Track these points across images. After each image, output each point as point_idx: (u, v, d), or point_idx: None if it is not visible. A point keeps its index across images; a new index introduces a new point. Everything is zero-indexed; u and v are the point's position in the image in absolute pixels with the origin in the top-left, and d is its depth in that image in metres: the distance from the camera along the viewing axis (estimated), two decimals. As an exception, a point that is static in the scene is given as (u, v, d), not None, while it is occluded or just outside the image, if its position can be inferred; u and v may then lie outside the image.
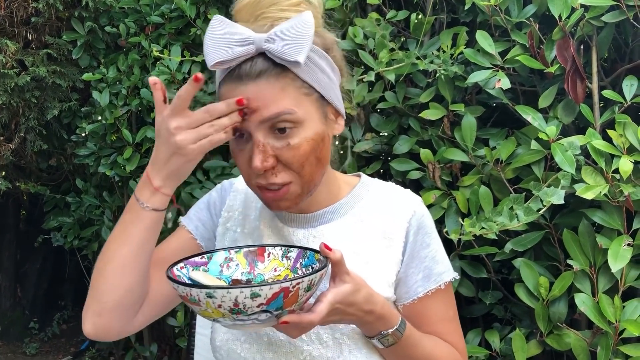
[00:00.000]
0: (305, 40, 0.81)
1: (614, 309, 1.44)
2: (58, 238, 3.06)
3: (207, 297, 0.71)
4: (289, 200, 0.88)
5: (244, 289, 0.70)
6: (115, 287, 0.87)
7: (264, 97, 0.82)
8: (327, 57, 0.89)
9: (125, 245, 0.86)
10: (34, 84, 2.64)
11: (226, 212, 1.03)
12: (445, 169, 1.75)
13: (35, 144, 2.80)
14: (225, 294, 0.70)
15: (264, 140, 0.83)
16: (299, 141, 0.84)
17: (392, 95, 1.83)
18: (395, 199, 0.97)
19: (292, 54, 0.80)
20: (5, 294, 3.63)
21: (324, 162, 0.89)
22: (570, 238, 1.54)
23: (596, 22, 1.58)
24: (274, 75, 0.82)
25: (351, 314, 0.82)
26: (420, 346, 0.91)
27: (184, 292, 0.73)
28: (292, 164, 0.84)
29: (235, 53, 0.81)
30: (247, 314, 0.72)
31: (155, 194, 0.84)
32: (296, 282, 0.72)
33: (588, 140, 1.52)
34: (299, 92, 0.84)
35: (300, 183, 0.86)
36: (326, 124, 0.89)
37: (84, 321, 0.90)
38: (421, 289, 0.94)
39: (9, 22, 2.62)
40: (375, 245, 0.94)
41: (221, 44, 0.82)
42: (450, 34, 1.78)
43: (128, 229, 0.86)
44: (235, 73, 0.83)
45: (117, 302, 0.88)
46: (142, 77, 2.45)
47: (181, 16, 2.37)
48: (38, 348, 3.51)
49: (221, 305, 0.71)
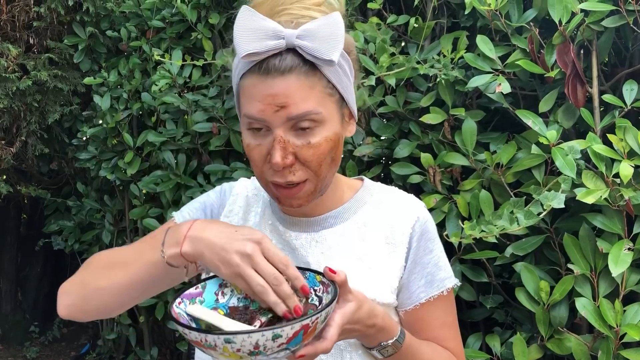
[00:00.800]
0: (339, 40, 0.80)
1: (614, 313, 1.44)
2: (59, 242, 3.06)
3: (225, 342, 0.68)
4: (302, 199, 0.87)
5: (266, 332, 0.68)
6: (105, 303, 0.90)
7: (292, 94, 0.81)
8: (349, 59, 0.89)
9: (130, 274, 0.87)
10: (35, 88, 2.65)
11: (225, 217, 1.02)
12: (445, 173, 1.75)
13: (37, 148, 2.80)
14: (245, 338, 0.67)
15: (285, 137, 0.83)
16: (320, 140, 0.83)
17: (392, 99, 1.84)
18: (398, 204, 0.97)
19: (326, 52, 0.80)
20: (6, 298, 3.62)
21: (338, 162, 0.89)
22: (571, 242, 1.54)
23: (596, 26, 1.58)
24: (304, 73, 0.81)
25: (356, 330, 0.82)
26: (418, 354, 0.91)
27: (198, 338, 0.70)
28: (310, 162, 0.84)
29: (267, 46, 0.80)
30: (266, 355, 0.70)
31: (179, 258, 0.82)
32: (315, 318, 0.70)
33: (588, 145, 1.52)
34: (324, 92, 0.83)
35: (315, 182, 0.86)
36: (342, 125, 0.89)
37: (60, 304, 0.92)
38: (423, 294, 0.94)
39: (10, 26, 2.63)
40: (378, 251, 0.93)
41: (252, 35, 0.80)
42: (450, 38, 1.79)
43: (140, 261, 0.86)
44: (263, 67, 0.81)
45: (103, 310, 0.92)
46: (143, 81, 2.45)
47: (182, 20, 2.38)
48: (38, 352, 3.51)
49: (240, 349, 0.68)
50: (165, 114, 2.38)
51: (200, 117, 2.22)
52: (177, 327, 0.73)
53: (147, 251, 0.86)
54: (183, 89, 2.32)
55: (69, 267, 3.63)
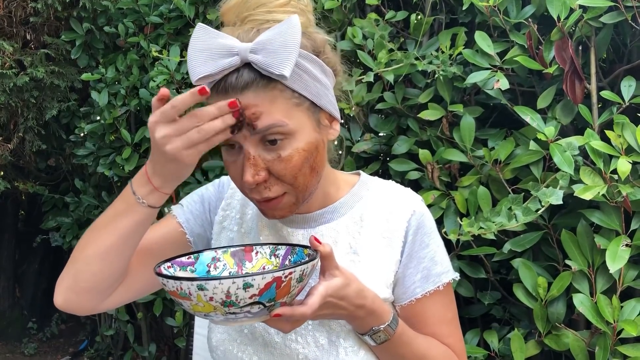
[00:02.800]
0: (292, 51, 0.77)
1: (612, 309, 1.44)
2: (57, 238, 3.06)
3: (198, 289, 0.70)
4: (283, 210, 0.86)
5: (237, 279, 0.69)
6: (94, 272, 0.86)
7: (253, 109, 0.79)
8: (318, 61, 0.86)
9: (113, 234, 0.84)
10: (32, 84, 2.64)
11: (223, 211, 1.02)
12: (444, 169, 1.75)
13: (34, 144, 2.80)
14: (217, 285, 0.69)
15: (254, 153, 0.81)
16: (291, 153, 0.81)
17: (391, 95, 1.83)
18: (395, 198, 0.96)
19: (278, 66, 0.76)
20: (4, 294, 3.62)
21: (319, 169, 0.87)
22: (569, 238, 1.54)
23: (595, 22, 1.58)
24: (262, 87, 0.79)
25: (342, 308, 0.81)
26: (413, 345, 0.90)
27: (174, 287, 0.71)
28: (284, 176, 0.82)
29: (220, 65, 0.78)
30: (239, 306, 0.71)
31: (154, 192, 0.81)
32: (288, 272, 0.71)
33: (586, 141, 1.52)
34: (289, 103, 0.81)
35: (294, 193, 0.85)
36: (320, 131, 0.86)
37: (56, 292, 0.90)
38: (419, 289, 0.93)
39: (7, 22, 2.62)
40: (374, 245, 0.93)
41: (205, 56, 0.78)
42: (449, 34, 1.78)
43: (118, 219, 0.84)
44: (222, 86, 0.80)
45: (94, 285, 0.87)
46: (140, 77, 2.45)
47: (180, 16, 2.37)
48: (37, 348, 3.51)
49: (213, 298, 0.70)
50: (163, 110, 2.37)
51: (198, 113, 2.21)
52: (157, 277, 0.75)
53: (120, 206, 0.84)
54: (181, 85, 2.31)
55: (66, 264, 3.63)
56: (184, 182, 2.29)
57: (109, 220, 0.85)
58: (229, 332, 0.95)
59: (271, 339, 0.91)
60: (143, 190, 0.82)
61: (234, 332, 0.95)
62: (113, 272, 0.88)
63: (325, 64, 0.87)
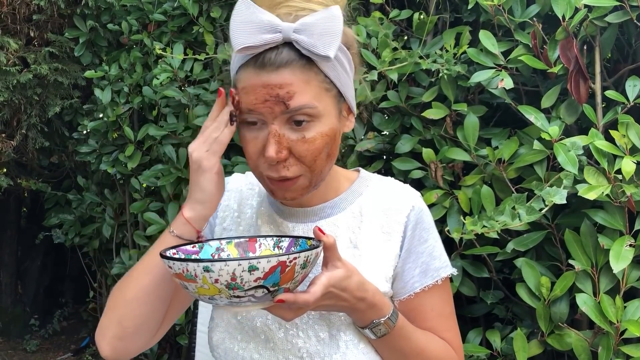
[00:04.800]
0: (336, 35, 0.80)
1: (615, 309, 1.44)
2: (59, 235, 3.06)
3: (204, 271, 0.70)
4: (295, 192, 0.87)
5: (242, 262, 0.70)
6: (137, 314, 0.88)
7: (287, 88, 0.81)
8: (348, 54, 0.88)
9: (149, 273, 0.87)
10: (35, 81, 2.64)
11: (222, 212, 1.03)
12: (447, 168, 1.75)
13: (37, 141, 2.80)
14: (223, 266, 0.70)
15: (280, 131, 0.83)
16: (315, 135, 0.83)
17: (394, 94, 1.83)
18: (394, 194, 0.97)
19: (323, 47, 0.79)
20: (6, 291, 3.63)
21: (333, 157, 0.89)
22: (572, 238, 1.54)
23: (600, 22, 1.58)
24: (299, 67, 0.81)
25: (344, 300, 0.82)
26: (413, 339, 0.91)
27: (180, 269, 0.72)
28: (305, 157, 0.84)
29: (263, 40, 0.80)
30: (243, 289, 0.72)
31: (186, 225, 0.86)
32: (293, 257, 0.72)
33: (591, 141, 1.52)
34: (320, 87, 0.83)
35: (309, 177, 0.86)
36: (340, 121, 0.89)
37: (100, 343, 0.90)
38: (418, 284, 0.94)
39: (11, 19, 2.62)
40: (373, 240, 0.94)
41: (248, 29, 0.80)
42: (453, 33, 1.78)
43: (154, 257, 0.87)
44: (259, 60, 0.81)
45: (139, 327, 0.89)
46: (144, 75, 2.45)
47: (184, 14, 2.37)
48: (38, 345, 3.52)
49: (218, 280, 0.71)
50: (166, 108, 2.37)
51: (201, 111, 2.21)
52: (162, 260, 0.76)
53: (156, 244, 0.88)
54: (184, 83, 2.31)
55: (69, 261, 3.64)
56: (186, 180, 2.29)
57: (146, 261, 0.89)
58: (229, 331, 0.96)
59: (273, 335, 0.92)
60: (175, 223, 0.87)
61: (235, 330, 0.95)
62: (155, 312, 0.90)
63: (352, 58, 0.90)
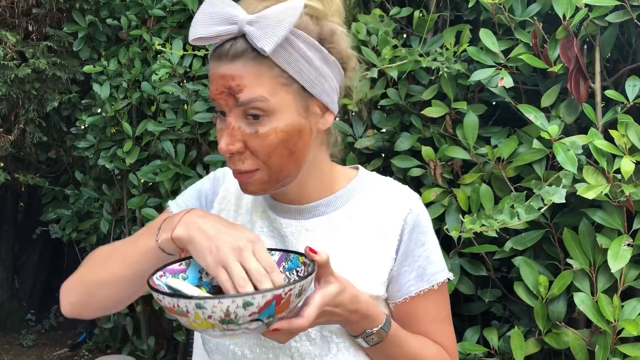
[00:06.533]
0: (282, 28, 0.77)
1: (612, 308, 1.45)
2: (56, 230, 3.06)
3: (196, 307, 0.68)
4: (254, 185, 0.86)
5: (236, 299, 0.67)
6: (105, 297, 0.90)
7: (239, 80, 0.80)
8: (320, 48, 0.84)
9: (127, 264, 0.87)
10: (34, 75, 2.63)
11: (218, 204, 1.01)
12: (446, 166, 1.75)
13: (35, 136, 2.79)
14: (216, 304, 0.67)
15: (235, 124, 0.82)
16: (268, 130, 0.81)
17: (394, 92, 1.83)
18: (392, 195, 0.95)
19: (263, 40, 0.77)
20: (3, 286, 3.62)
21: (299, 155, 0.86)
22: (571, 237, 1.54)
23: (600, 21, 1.58)
24: (251, 60, 0.79)
25: (337, 315, 0.81)
26: (405, 346, 0.90)
27: (171, 304, 0.69)
28: (258, 152, 0.82)
29: (216, 31, 0.79)
30: (237, 324, 0.69)
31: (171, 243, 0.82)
32: (288, 289, 0.70)
33: (590, 140, 1.52)
34: (274, 82, 0.81)
35: (267, 172, 0.84)
36: (307, 118, 0.85)
37: (63, 299, 0.92)
38: (413, 288, 0.92)
39: (9, 13, 2.61)
40: (368, 242, 0.92)
41: (208, 19, 0.80)
42: (453, 31, 1.78)
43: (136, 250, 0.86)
44: (217, 51, 0.81)
45: (104, 305, 0.93)
46: (143, 70, 2.44)
47: (183, 9, 2.36)
48: (35, 340, 3.51)
49: (211, 316, 0.68)
50: (165, 104, 2.37)
51: (200, 107, 2.21)
52: (152, 293, 0.73)
53: (142, 239, 0.86)
54: (183, 79, 2.31)
55: (66, 256, 3.63)
56: (185, 176, 2.29)
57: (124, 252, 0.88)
58: None
59: None
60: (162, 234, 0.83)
61: None
62: (126, 296, 0.92)
63: (330, 53, 0.86)
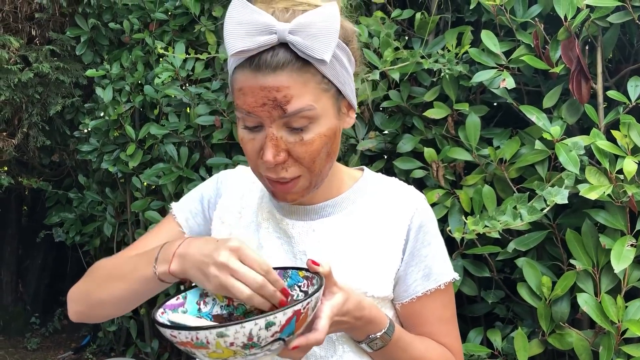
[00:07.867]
0: (332, 37, 0.77)
1: (616, 309, 1.45)
2: (60, 234, 3.06)
3: (217, 337, 0.65)
4: (296, 193, 0.86)
5: (259, 321, 0.65)
6: (107, 314, 0.98)
7: (285, 91, 0.78)
8: (347, 50, 0.86)
9: (126, 287, 0.90)
10: (37, 79, 2.64)
11: (221, 206, 1.01)
12: (448, 168, 1.75)
13: (38, 140, 2.80)
14: (238, 329, 0.65)
15: (278, 134, 0.81)
16: (313, 137, 0.81)
17: (396, 94, 1.83)
18: (398, 195, 0.95)
19: (319, 50, 0.77)
20: (7, 289, 3.63)
21: (334, 155, 0.88)
22: (574, 238, 1.54)
23: (602, 22, 1.58)
24: (297, 69, 0.78)
25: (345, 323, 0.82)
26: (410, 349, 0.90)
27: (189, 338, 0.66)
28: (303, 159, 0.82)
29: (258, 42, 0.77)
30: (260, 346, 0.67)
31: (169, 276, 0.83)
32: (306, 303, 0.68)
33: (592, 141, 1.52)
34: (318, 88, 0.81)
35: (309, 177, 0.85)
36: (339, 118, 0.86)
37: (70, 307, 0.97)
38: (420, 288, 0.92)
39: (12, 17, 2.62)
40: (375, 242, 0.92)
41: (243, 30, 0.77)
42: (455, 33, 1.78)
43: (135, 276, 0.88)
44: (255, 62, 0.78)
45: (107, 316, 1.00)
46: (145, 73, 2.45)
47: (185, 13, 2.37)
48: (39, 343, 3.52)
49: (234, 343, 0.66)
50: (167, 107, 2.37)
51: (202, 110, 2.22)
52: (163, 331, 0.70)
53: (142, 266, 0.87)
54: (186, 82, 2.31)
55: (69, 259, 3.64)
56: (188, 179, 2.30)
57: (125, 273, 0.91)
58: None
59: None
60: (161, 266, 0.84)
61: None
62: (125, 310, 0.97)
63: (352, 53, 0.88)
